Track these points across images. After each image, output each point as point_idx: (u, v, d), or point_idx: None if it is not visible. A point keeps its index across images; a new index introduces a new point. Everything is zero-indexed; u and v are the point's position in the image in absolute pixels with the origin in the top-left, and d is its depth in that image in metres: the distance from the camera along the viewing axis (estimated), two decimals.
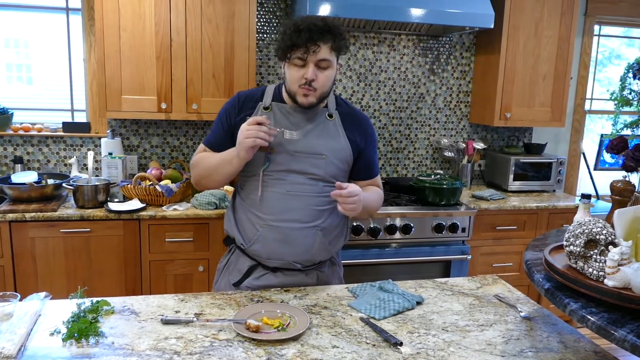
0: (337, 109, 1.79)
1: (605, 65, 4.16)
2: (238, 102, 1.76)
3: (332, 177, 1.72)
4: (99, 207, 2.71)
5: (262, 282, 1.76)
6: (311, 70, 1.60)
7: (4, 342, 1.26)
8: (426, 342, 1.38)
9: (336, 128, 1.75)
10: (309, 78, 1.60)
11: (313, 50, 1.58)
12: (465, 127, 3.80)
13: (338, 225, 1.80)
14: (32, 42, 3.24)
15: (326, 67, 1.63)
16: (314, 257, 1.76)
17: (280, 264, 1.74)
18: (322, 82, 1.63)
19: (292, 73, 1.63)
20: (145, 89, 2.87)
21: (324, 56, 1.60)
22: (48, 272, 2.63)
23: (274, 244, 1.71)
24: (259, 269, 1.77)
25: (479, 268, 3.19)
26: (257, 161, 1.68)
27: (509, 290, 1.77)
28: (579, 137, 4.06)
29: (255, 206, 1.71)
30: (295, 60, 1.61)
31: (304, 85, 1.62)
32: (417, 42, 3.57)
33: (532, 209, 3.23)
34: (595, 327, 1.08)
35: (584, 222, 1.26)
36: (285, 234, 1.70)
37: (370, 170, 1.86)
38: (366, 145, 1.82)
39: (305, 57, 1.59)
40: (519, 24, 3.32)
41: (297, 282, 1.77)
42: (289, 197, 1.69)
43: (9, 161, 3.15)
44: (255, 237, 1.71)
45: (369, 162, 1.85)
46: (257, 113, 1.73)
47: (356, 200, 1.59)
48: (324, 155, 1.70)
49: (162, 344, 1.32)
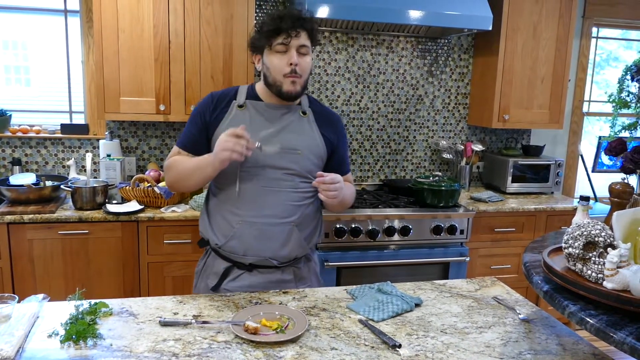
0: (310, 107, 1.82)
1: (603, 67, 4.17)
2: (212, 101, 1.76)
3: (307, 173, 1.74)
4: (97, 208, 2.70)
5: (239, 283, 1.76)
6: (294, 55, 1.64)
7: (2, 344, 1.25)
8: (425, 344, 1.38)
9: (310, 125, 1.78)
10: (295, 62, 1.63)
11: (295, 35, 1.63)
12: (463, 129, 3.80)
13: (313, 221, 1.83)
14: (30, 44, 3.23)
15: (306, 53, 1.68)
16: (290, 253, 1.77)
17: (256, 260, 1.74)
18: (304, 68, 1.68)
19: (275, 61, 1.66)
20: (143, 91, 2.87)
21: (303, 42, 1.66)
22: (46, 273, 2.62)
23: (250, 240, 1.71)
24: (234, 269, 1.78)
25: (477, 270, 3.20)
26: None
27: (507, 293, 1.77)
28: (577, 139, 4.07)
29: (231, 202, 1.72)
30: (277, 46, 1.64)
31: (289, 74, 1.65)
32: (415, 44, 3.58)
33: (531, 211, 3.23)
34: (594, 329, 1.08)
35: (582, 224, 1.26)
36: (262, 229, 1.71)
37: (343, 167, 1.90)
38: (338, 142, 1.86)
39: (288, 41, 1.63)
40: (517, 26, 3.33)
41: (274, 280, 1.78)
42: (265, 192, 1.71)
43: (7, 163, 3.14)
44: (232, 233, 1.72)
45: (341, 159, 1.89)
46: (231, 111, 1.73)
47: (338, 188, 1.64)
48: (299, 151, 1.73)
49: (160, 345, 1.32)
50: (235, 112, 1.73)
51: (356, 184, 3.63)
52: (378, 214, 2.89)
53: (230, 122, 1.71)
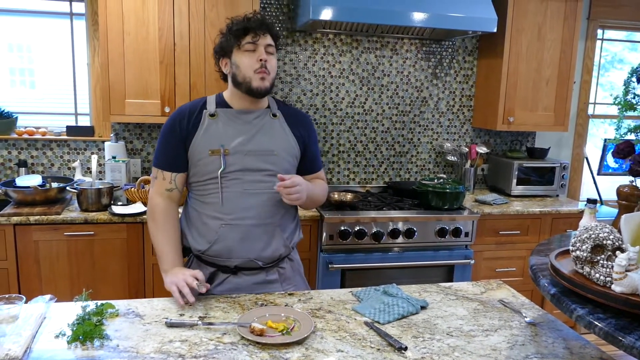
0: (279, 109, 1.85)
1: (607, 69, 4.16)
2: (183, 114, 1.77)
3: (285, 172, 1.76)
4: (102, 210, 2.71)
5: (225, 287, 1.78)
6: (263, 52, 1.70)
7: (9, 344, 1.26)
8: (431, 347, 1.38)
9: (282, 126, 1.82)
10: (264, 58, 1.69)
11: (263, 33, 1.70)
12: (468, 132, 3.80)
13: (293, 220, 1.87)
14: (35, 47, 3.25)
15: (272, 52, 1.74)
16: (274, 253, 1.79)
17: (241, 262, 1.76)
18: (272, 66, 1.74)
19: (245, 60, 1.71)
20: (148, 93, 2.88)
21: (269, 42, 1.73)
22: (52, 274, 2.63)
23: (234, 243, 1.73)
24: (219, 274, 1.79)
25: (482, 273, 3.19)
26: (213, 165, 1.72)
27: (513, 296, 1.77)
28: (582, 142, 4.06)
29: (214, 208, 1.74)
30: (246, 45, 1.69)
31: (259, 69, 1.69)
32: (419, 46, 3.58)
33: (536, 214, 3.22)
34: (602, 333, 1.08)
35: (590, 227, 1.26)
36: (245, 231, 1.73)
37: (314, 164, 1.95)
38: (309, 140, 1.90)
39: (257, 40, 1.69)
40: (522, 28, 3.33)
41: (259, 281, 1.80)
42: (246, 195, 1.73)
43: (14, 165, 3.16)
44: (215, 238, 1.74)
45: (313, 157, 1.93)
46: (204, 121, 1.75)
47: (299, 190, 1.68)
48: (275, 152, 1.77)
49: (166, 347, 1.32)
50: (208, 121, 1.75)
51: (360, 186, 3.63)
52: (382, 216, 2.89)
53: (205, 132, 1.73)
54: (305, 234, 2.88)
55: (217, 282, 1.79)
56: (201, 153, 1.73)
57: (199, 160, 1.73)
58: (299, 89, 3.43)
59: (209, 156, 1.72)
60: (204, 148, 1.72)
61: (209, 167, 1.72)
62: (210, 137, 1.73)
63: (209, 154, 1.72)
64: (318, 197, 1.89)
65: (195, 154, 1.74)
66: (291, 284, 1.88)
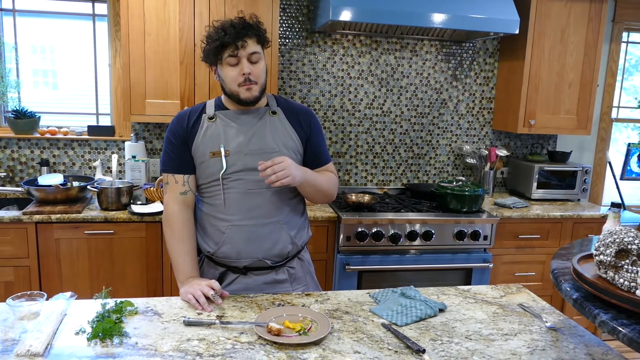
0: (279, 105, 1.83)
1: (632, 73, 4.08)
2: (183, 119, 1.77)
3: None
4: (122, 209, 2.74)
5: (235, 287, 1.78)
6: (246, 65, 1.66)
7: (31, 340, 1.28)
8: (449, 350, 1.36)
9: (282, 122, 1.79)
10: (247, 72, 1.65)
11: (242, 46, 1.64)
12: (487, 134, 3.76)
13: (300, 218, 1.85)
14: (58, 48, 3.30)
15: (257, 59, 1.69)
16: (282, 251, 1.79)
17: (250, 262, 1.76)
18: (257, 74, 1.69)
19: (228, 73, 1.68)
20: (168, 93, 2.91)
21: (252, 49, 1.66)
22: (72, 272, 2.66)
23: (241, 244, 1.74)
24: (229, 274, 1.80)
25: (501, 277, 3.15)
26: (214, 167, 1.72)
27: (533, 300, 1.74)
28: (605, 146, 3.99)
29: (219, 210, 1.75)
30: (228, 59, 1.66)
31: (243, 83, 1.67)
32: (439, 48, 3.55)
33: (556, 218, 3.17)
34: (627, 339, 1.06)
35: (614, 231, 1.23)
36: (252, 231, 1.73)
37: (320, 157, 1.88)
38: (311, 133, 1.85)
39: (237, 53, 1.64)
40: (545, 30, 3.28)
41: (269, 281, 1.80)
42: (250, 195, 1.73)
43: (36, 164, 3.21)
44: (223, 239, 1.74)
45: (317, 150, 1.87)
46: (203, 124, 1.75)
47: (284, 167, 1.59)
48: (276, 149, 1.75)
49: (184, 345, 1.33)
50: (207, 124, 1.75)
51: (378, 187, 3.61)
52: (400, 218, 2.87)
53: (205, 134, 1.74)
54: (322, 235, 2.87)
55: (226, 282, 1.79)
56: (203, 156, 1.73)
57: (201, 163, 1.74)
58: (318, 90, 3.44)
59: (210, 158, 1.72)
60: (204, 151, 1.73)
61: (211, 169, 1.73)
62: (210, 140, 1.73)
63: (209, 156, 1.72)
64: (323, 186, 1.81)
65: (197, 156, 1.74)
66: (301, 283, 1.87)
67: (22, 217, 2.54)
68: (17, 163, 3.20)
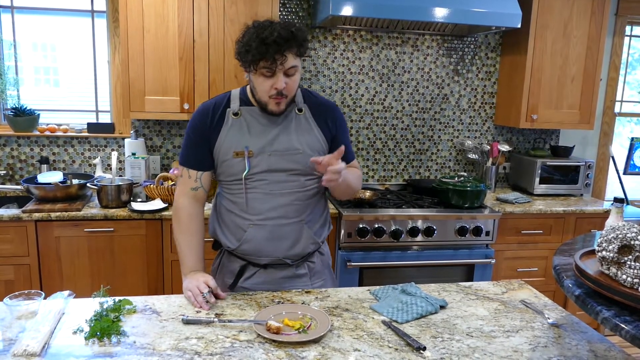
0: (305, 102, 1.78)
1: (635, 67, 4.04)
2: (207, 113, 1.73)
3: (311, 170, 1.71)
4: (122, 207, 2.73)
5: (255, 280, 1.77)
6: (281, 81, 1.58)
7: (28, 340, 1.27)
8: (450, 348, 1.35)
9: (307, 121, 1.75)
10: (280, 88, 1.59)
11: (281, 62, 1.56)
12: (489, 129, 3.73)
13: (321, 216, 1.83)
14: (59, 45, 3.29)
15: (294, 73, 1.62)
16: (303, 251, 1.77)
17: (270, 260, 1.75)
18: (291, 88, 1.63)
19: (260, 83, 1.61)
20: (168, 90, 2.89)
21: (291, 64, 1.58)
22: (72, 271, 2.66)
23: (262, 242, 1.72)
24: (249, 267, 1.78)
25: (503, 273, 3.13)
26: (237, 167, 1.69)
27: (535, 296, 1.73)
28: (608, 140, 3.96)
29: (241, 208, 1.73)
30: (262, 70, 1.58)
31: (274, 96, 1.62)
32: (441, 43, 3.53)
33: (559, 213, 3.15)
34: (629, 336, 1.04)
35: (617, 226, 1.21)
36: (273, 231, 1.71)
37: (345, 156, 1.79)
38: (337, 131, 1.81)
39: (274, 68, 1.56)
40: (547, 24, 3.25)
41: (289, 275, 1.79)
42: (272, 196, 1.70)
43: (35, 161, 3.20)
44: (244, 237, 1.73)
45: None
46: (227, 120, 1.71)
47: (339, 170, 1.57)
48: (300, 150, 1.71)
49: (183, 344, 1.32)
50: (232, 121, 1.71)
51: (379, 183, 3.60)
52: (402, 214, 2.85)
53: (229, 132, 1.70)
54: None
55: (246, 276, 1.78)
56: (226, 154, 1.70)
57: (224, 161, 1.71)
58: (318, 85, 3.42)
59: (233, 158, 1.69)
60: (228, 149, 1.69)
61: (234, 168, 1.70)
62: (234, 138, 1.69)
63: (233, 156, 1.69)
64: (351, 183, 1.77)
65: (219, 154, 1.71)
66: (320, 278, 1.86)
67: (21, 215, 2.54)
68: (17, 161, 3.19)
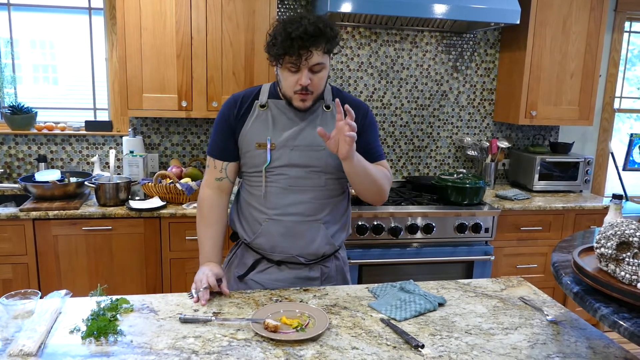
0: (334, 100, 1.73)
1: (634, 63, 4.03)
2: (235, 103, 1.74)
3: (333, 169, 1.71)
4: (120, 205, 2.72)
5: (266, 276, 1.76)
6: (305, 76, 1.57)
7: (24, 340, 1.26)
8: (449, 345, 1.34)
9: (334, 118, 1.72)
10: (304, 84, 1.58)
11: (305, 58, 1.54)
12: (489, 126, 3.73)
13: (341, 218, 1.81)
14: (57, 43, 3.28)
15: (320, 70, 1.60)
16: (318, 251, 1.75)
17: (283, 257, 1.74)
18: (316, 85, 1.61)
19: (286, 78, 1.61)
20: (166, 87, 2.88)
21: (317, 61, 1.57)
22: (71, 269, 2.65)
23: (277, 238, 1.71)
24: (263, 262, 1.78)
25: (502, 269, 3.13)
26: (259, 159, 1.69)
27: (534, 293, 1.72)
28: (607, 137, 3.95)
29: (258, 201, 1.72)
30: (287, 65, 1.58)
31: (299, 91, 1.61)
32: (440, 39, 3.52)
33: (558, 210, 3.15)
34: (627, 333, 1.03)
35: (616, 223, 1.21)
36: (289, 227, 1.70)
37: (370, 154, 1.75)
38: (362, 129, 1.74)
39: (298, 64, 1.56)
40: (546, 20, 3.24)
41: (301, 276, 1.77)
42: (291, 192, 1.70)
43: (33, 160, 3.19)
44: (259, 230, 1.72)
45: (367, 147, 1.75)
46: (254, 112, 1.71)
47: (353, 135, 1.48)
48: (323, 147, 1.68)
49: (180, 343, 1.31)
50: (258, 112, 1.71)
51: None
52: (401, 211, 2.85)
53: (254, 123, 1.70)
54: None
55: (259, 270, 1.77)
56: (249, 145, 1.70)
57: (247, 152, 1.71)
58: None
59: (256, 149, 1.68)
60: (251, 140, 1.69)
61: (255, 160, 1.69)
62: (259, 129, 1.69)
63: (255, 147, 1.68)
64: (374, 177, 1.67)
65: (243, 145, 1.71)
66: (331, 283, 1.83)
67: (19, 214, 2.53)
68: (14, 159, 3.18)
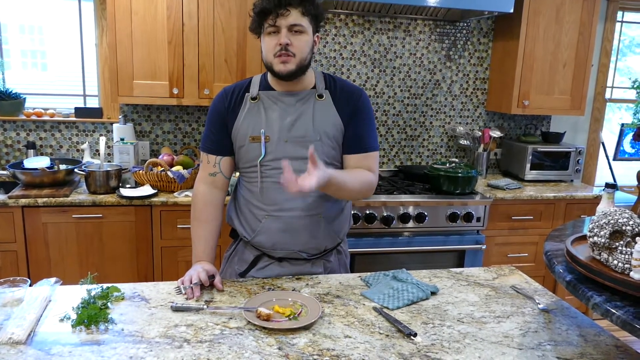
0: (327, 88, 1.72)
1: (625, 54, 4.04)
2: (225, 96, 1.71)
3: (330, 158, 1.68)
4: (110, 192, 2.70)
5: (267, 272, 1.74)
6: (284, 36, 1.55)
7: (13, 328, 1.25)
8: (441, 333, 1.35)
9: (327, 108, 1.68)
10: (283, 42, 1.54)
11: (282, 14, 1.53)
12: (481, 115, 3.73)
13: (342, 211, 1.78)
14: (47, 28, 3.22)
15: (300, 31, 1.57)
16: (320, 245, 1.73)
17: (285, 253, 1.72)
18: (298, 47, 1.57)
19: (266, 42, 1.59)
20: (156, 74, 2.85)
21: (295, 21, 1.55)
22: (60, 257, 2.63)
23: (277, 234, 1.68)
24: (264, 258, 1.75)
25: (494, 258, 3.15)
26: (253, 152, 1.66)
27: (526, 282, 1.73)
28: (599, 126, 3.97)
29: (256, 197, 1.69)
30: (268, 28, 1.56)
31: (279, 53, 1.56)
32: (433, 28, 3.50)
33: (549, 199, 3.16)
34: (620, 321, 1.04)
35: (609, 212, 1.21)
36: (289, 223, 1.67)
37: (360, 143, 1.70)
38: (354, 115, 1.70)
39: (275, 21, 1.54)
40: (540, 9, 3.23)
41: (303, 272, 1.75)
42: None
43: (22, 146, 3.15)
44: (259, 228, 1.69)
45: (358, 134, 1.70)
46: (245, 105, 1.68)
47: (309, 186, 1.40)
48: (317, 139, 1.65)
49: (172, 331, 1.30)
50: (249, 105, 1.67)
51: None
52: (393, 201, 2.85)
53: (246, 116, 1.67)
54: None
55: (259, 266, 1.75)
56: (242, 139, 1.66)
57: (241, 147, 1.67)
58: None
59: (250, 143, 1.65)
60: (244, 134, 1.66)
61: (250, 154, 1.66)
62: (251, 123, 1.65)
63: (249, 141, 1.65)
64: (347, 186, 1.59)
65: (237, 140, 1.68)
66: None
67: (8, 201, 2.50)
68: (3, 146, 3.14)
